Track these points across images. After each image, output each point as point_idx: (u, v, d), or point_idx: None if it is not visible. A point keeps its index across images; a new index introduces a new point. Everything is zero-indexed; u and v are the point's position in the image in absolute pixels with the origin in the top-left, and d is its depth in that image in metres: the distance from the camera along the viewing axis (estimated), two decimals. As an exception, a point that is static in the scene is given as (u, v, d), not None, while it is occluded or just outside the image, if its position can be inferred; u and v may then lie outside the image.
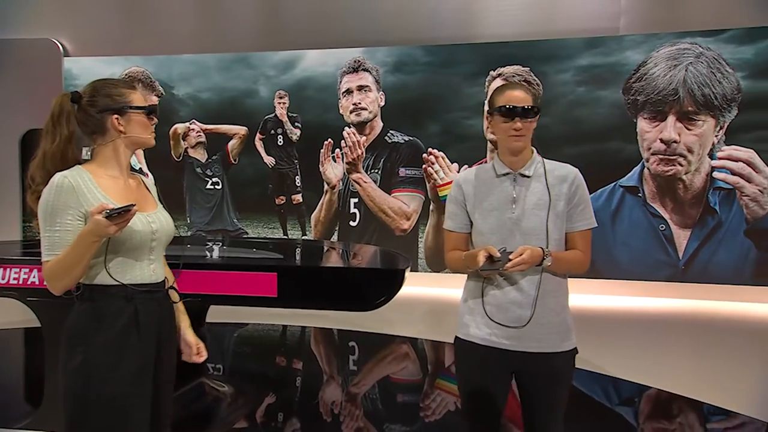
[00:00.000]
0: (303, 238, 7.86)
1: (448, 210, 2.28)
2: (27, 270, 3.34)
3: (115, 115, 1.81)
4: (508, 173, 2.09)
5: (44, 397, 3.43)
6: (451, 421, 3.81)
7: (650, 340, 5.61)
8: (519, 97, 2.02)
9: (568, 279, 2.15)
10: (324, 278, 3.64)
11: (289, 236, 8.02)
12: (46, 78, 8.24)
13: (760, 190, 6.62)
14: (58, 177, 1.70)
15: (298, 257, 4.58)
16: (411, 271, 3.55)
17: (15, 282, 3.35)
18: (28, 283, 3.38)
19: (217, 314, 4.29)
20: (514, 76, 7.30)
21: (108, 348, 1.84)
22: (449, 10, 7.45)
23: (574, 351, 2.09)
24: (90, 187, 1.75)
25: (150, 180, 2.12)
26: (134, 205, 1.62)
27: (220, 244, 4.93)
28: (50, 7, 8.37)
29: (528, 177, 2.09)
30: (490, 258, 1.88)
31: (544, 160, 2.14)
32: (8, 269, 3.35)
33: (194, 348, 2.08)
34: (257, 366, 5.10)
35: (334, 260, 4.39)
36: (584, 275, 2.39)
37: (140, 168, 8.17)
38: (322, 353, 5.50)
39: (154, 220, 1.87)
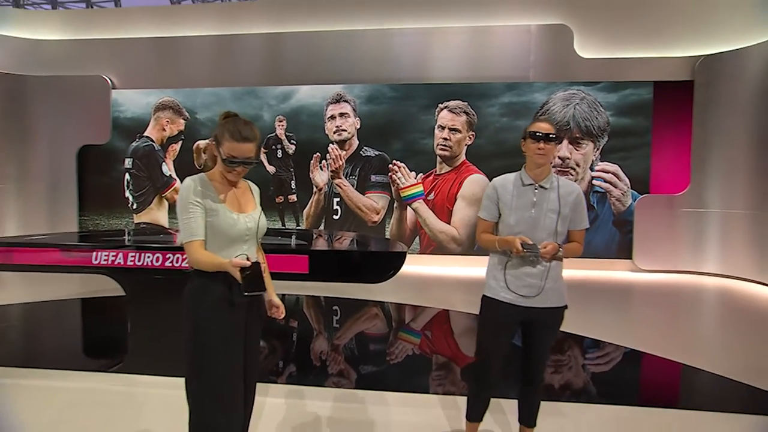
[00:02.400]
0: (297, 227, 8.43)
1: (484, 204, 2.44)
2: (114, 253, 3.63)
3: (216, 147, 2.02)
4: (531, 184, 2.29)
5: (129, 348, 3.73)
6: (414, 363, 4.25)
7: None
8: (544, 127, 2.23)
9: None
10: (348, 259, 3.84)
11: (286, 227, 8.54)
12: (99, 105, 8.89)
13: (622, 193, 7.91)
14: (192, 179, 2.02)
15: (321, 243, 4.63)
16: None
17: (105, 262, 3.61)
18: (115, 263, 3.62)
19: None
20: (456, 108, 8.13)
21: (211, 310, 1.97)
22: (408, 58, 8.28)
23: (566, 306, 2.36)
24: (203, 190, 1.99)
25: (255, 188, 2.23)
26: (255, 263, 1.86)
27: None
28: (102, 52, 8.90)
29: (546, 188, 2.30)
30: (522, 247, 2.16)
31: (558, 177, 2.34)
32: (99, 253, 3.64)
33: (280, 309, 2.17)
34: (288, 329, 5.19)
35: (345, 245, 4.41)
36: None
37: (170, 174, 8.93)
38: (329, 315, 5.76)
39: (250, 220, 2.01)
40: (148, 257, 3.52)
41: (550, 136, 2.15)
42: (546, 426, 2.56)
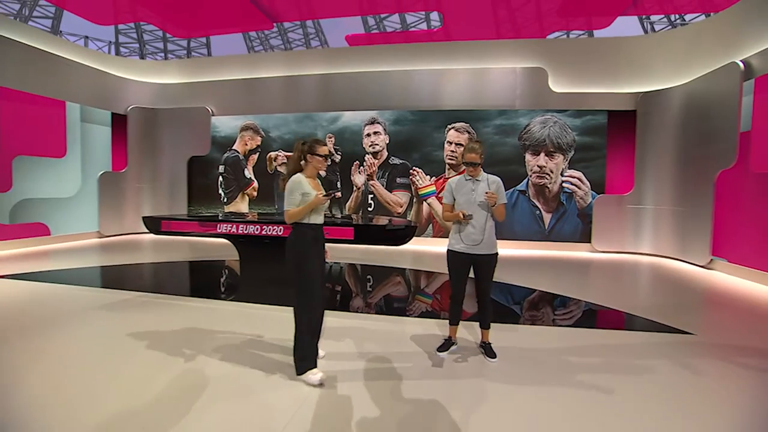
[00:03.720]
0: (342, 216, 8.33)
1: (444, 194, 2.98)
2: (232, 225, 4.20)
3: (310, 156, 2.65)
4: (470, 179, 2.91)
5: (240, 286, 4.49)
6: (422, 300, 4.91)
7: (530, 270, 6.38)
8: (471, 156, 2.85)
9: (497, 241, 2.93)
10: (382, 230, 4.35)
11: (333, 216, 8.42)
12: (202, 128, 9.68)
13: (585, 194, 8.18)
14: (295, 176, 2.61)
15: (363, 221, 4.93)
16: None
17: (226, 231, 4.29)
18: (234, 232, 4.24)
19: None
20: (461, 128, 8.47)
21: (305, 250, 2.55)
22: (425, 91, 8.58)
23: (497, 254, 2.92)
24: (303, 182, 2.59)
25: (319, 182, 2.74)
26: (335, 191, 2.99)
27: None
28: (205, 89, 9.66)
29: (479, 181, 2.89)
30: (464, 216, 2.78)
31: (488, 175, 2.93)
32: (221, 225, 4.30)
33: (328, 253, 2.79)
34: (344, 280, 5.79)
35: (381, 222, 4.72)
36: (499, 238, 2.94)
37: (250, 177, 9.55)
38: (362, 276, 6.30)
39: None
40: (252, 228, 4.20)
41: (476, 163, 2.85)
42: (500, 336, 3.24)
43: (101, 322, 3.69)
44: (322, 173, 3.15)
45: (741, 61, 6.00)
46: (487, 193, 2.78)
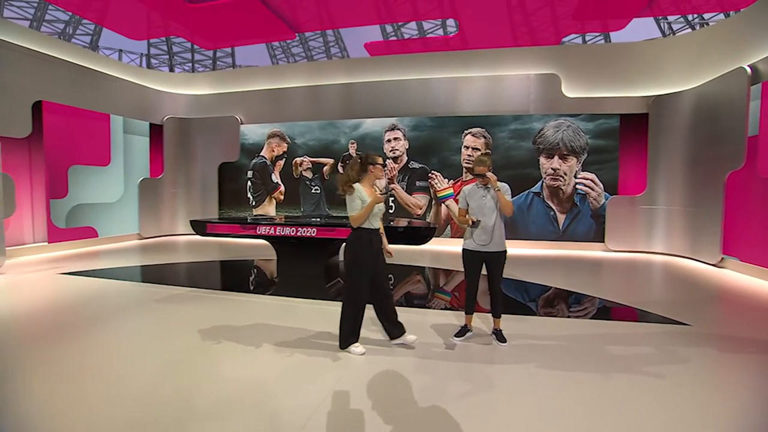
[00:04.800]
0: None
1: (459, 200, 3.32)
2: (271, 228, 4.57)
3: (371, 167, 3.07)
4: (482, 187, 3.27)
5: (280, 282, 4.74)
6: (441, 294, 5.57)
7: (545, 268, 6.59)
8: (481, 168, 3.21)
9: (512, 240, 3.77)
10: (405, 231, 4.59)
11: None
12: (232, 135, 10.19)
13: (598, 195, 8.38)
14: (356, 184, 3.02)
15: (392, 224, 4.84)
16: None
17: (265, 233, 4.64)
18: (271, 233, 4.58)
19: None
20: (477, 133, 8.73)
21: (359, 251, 2.96)
22: (443, 98, 8.87)
23: (506, 251, 3.26)
24: (361, 190, 3.00)
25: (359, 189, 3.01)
26: (387, 192, 3.51)
27: (319, 220, 5.43)
28: (234, 99, 10.19)
29: (489, 188, 3.24)
30: (472, 222, 3.15)
31: (501, 183, 3.21)
32: (260, 227, 4.64)
33: (391, 254, 3.17)
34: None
35: (403, 224, 4.96)
36: (515, 238, 3.72)
37: (277, 182, 10.02)
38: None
39: (380, 207, 3.08)
40: (288, 230, 4.56)
41: (483, 174, 3.19)
42: (512, 325, 3.71)
43: (159, 314, 4.24)
44: (381, 183, 3.29)
45: (749, 65, 6.23)
46: (493, 184, 3.11)
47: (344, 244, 3.06)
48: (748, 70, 6.20)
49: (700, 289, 5.49)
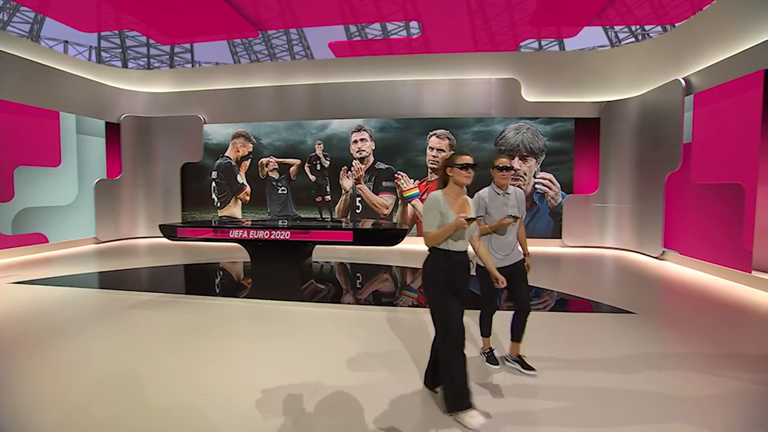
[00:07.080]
0: (331, 219, 8.52)
1: (475, 207, 2.64)
2: (244, 231, 4.50)
3: (449, 169, 2.33)
4: (500, 192, 2.83)
5: (253, 284, 4.64)
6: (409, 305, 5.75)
7: None
8: (502, 161, 2.76)
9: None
10: (378, 232, 4.56)
11: (323, 218, 8.93)
12: (195, 135, 9.95)
13: (554, 194, 8.83)
14: (432, 193, 2.31)
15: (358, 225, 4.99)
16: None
17: (238, 236, 4.58)
18: (245, 237, 4.53)
19: (318, 255, 5.39)
20: (441, 135, 8.92)
21: (434, 282, 2.26)
22: (408, 100, 9.04)
23: (523, 259, 2.90)
24: (441, 199, 2.27)
25: (471, 201, 2.44)
26: (476, 218, 2.07)
27: (286, 221, 5.44)
28: (197, 98, 9.92)
29: (509, 194, 2.85)
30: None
31: (514, 187, 2.86)
32: (234, 231, 4.59)
33: (500, 281, 2.37)
34: (337, 278, 6.15)
35: (368, 225, 4.89)
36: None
37: (242, 182, 9.86)
38: (357, 273, 6.88)
39: (472, 228, 2.31)
40: (261, 233, 4.52)
41: (509, 167, 2.75)
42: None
43: (132, 320, 4.14)
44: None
45: (683, 78, 6.84)
46: (512, 216, 2.77)
47: (424, 264, 2.39)
48: (683, 82, 6.81)
49: (645, 280, 5.96)
